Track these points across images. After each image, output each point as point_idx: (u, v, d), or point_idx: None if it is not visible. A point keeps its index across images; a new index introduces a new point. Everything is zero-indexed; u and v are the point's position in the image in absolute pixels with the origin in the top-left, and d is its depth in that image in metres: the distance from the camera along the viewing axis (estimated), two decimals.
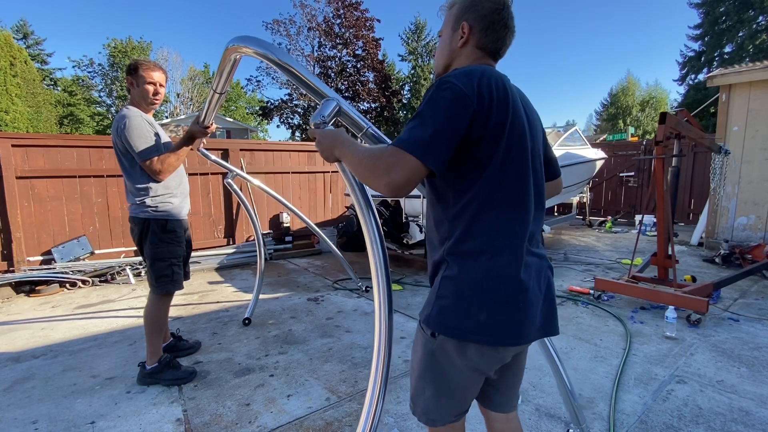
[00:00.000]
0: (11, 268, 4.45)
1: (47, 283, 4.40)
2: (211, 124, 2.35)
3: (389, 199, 4.81)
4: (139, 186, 2.32)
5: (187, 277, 2.71)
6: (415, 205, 4.72)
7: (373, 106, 23.82)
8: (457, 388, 1.06)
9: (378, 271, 1.14)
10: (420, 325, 1.07)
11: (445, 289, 0.98)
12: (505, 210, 0.96)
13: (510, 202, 0.97)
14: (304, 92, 1.29)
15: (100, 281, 4.70)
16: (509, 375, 1.20)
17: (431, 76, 31.67)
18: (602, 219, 9.08)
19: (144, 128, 2.25)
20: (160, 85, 2.36)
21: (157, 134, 2.34)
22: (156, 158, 2.25)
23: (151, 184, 2.33)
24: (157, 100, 2.37)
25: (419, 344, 1.07)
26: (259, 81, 24.44)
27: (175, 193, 2.44)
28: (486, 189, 0.94)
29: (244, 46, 1.29)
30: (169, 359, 2.48)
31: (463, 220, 0.97)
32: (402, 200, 4.83)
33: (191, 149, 2.48)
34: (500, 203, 0.96)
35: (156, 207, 2.35)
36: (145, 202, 2.33)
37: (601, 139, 13.16)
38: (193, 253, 5.34)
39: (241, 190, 3.68)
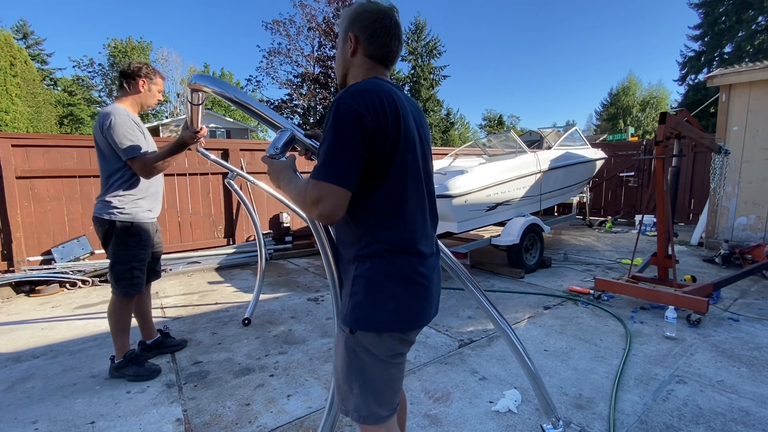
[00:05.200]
0: (11, 268, 4.45)
1: (47, 283, 4.40)
2: (201, 128, 2.31)
3: None
4: (110, 184, 2.32)
5: (157, 276, 2.74)
6: None
7: None
8: (381, 382, 1.12)
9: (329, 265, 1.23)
10: (339, 327, 1.15)
11: (357, 286, 1.07)
12: (406, 216, 1.08)
13: (409, 208, 1.08)
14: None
15: (100, 281, 4.69)
16: None
17: (431, 76, 31.67)
18: (602, 219, 9.07)
19: (130, 126, 2.27)
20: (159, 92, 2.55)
21: (143, 133, 2.36)
22: (140, 157, 2.25)
23: (122, 185, 2.32)
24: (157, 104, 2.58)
25: (341, 345, 1.13)
26: (259, 81, 24.41)
27: (144, 195, 2.43)
28: (388, 198, 1.05)
29: (203, 84, 1.38)
30: (133, 356, 2.49)
31: (369, 225, 1.07)
32: None
33: (189, 149, 2.47)
34: (401, 210, 1.07)
35: (122, 209, 2.33)
36: (111, 202, 2.31)
37: (601, 139, 13.14)
38: (193, 253, 5.42)
39: (240, 189, 3.68)
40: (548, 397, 1.75)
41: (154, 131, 22.92)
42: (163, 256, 2.95)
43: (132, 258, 2.41)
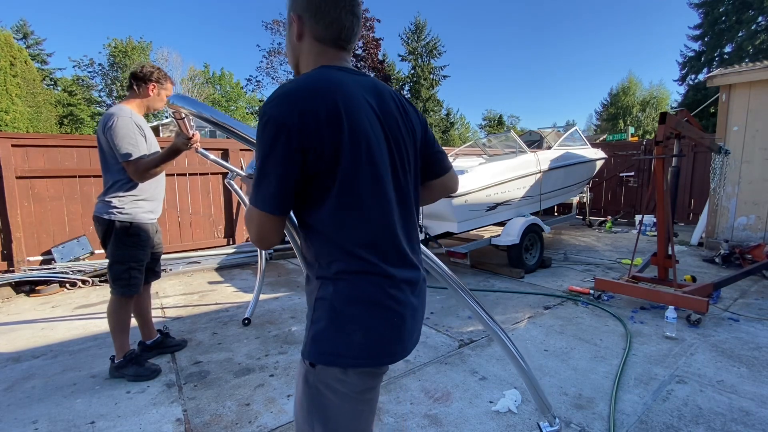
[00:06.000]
0: (11, 268, 4.45)
1: (47, 283, 4.40)
2: (194, 135, 2.32)
3: None
4: (111, 184, 2.34)
5: (156, 276, 2.76)
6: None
7: None
8: (348, 422, 0.97)
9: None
10: (301, 357, 0.98)
11: (319, 311, 0.92)
12: (365, 229, 0.91)
13: (368, 221, 0.91)
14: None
15: (100, 281, 4.69)
16: None
17: (431, 76, 31.67)
18: (602, 219, 9.08)
19: (131, 129, 2.28)
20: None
21: (144, 137, 2.37)
22: (135, 161, 2.27)
23: (123, 185, 2.34)
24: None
25: (301, 378, 0.98)
26: (259, 81, 24.46)
27: (146, 196, 2.44)
28: (341, 212, 0.89)
29: (180, 105, 1.36)
30: (133, 356, 2.50)
31: (325, 243, 0.92)
32: None
33: (191, 149, 2.48)
34: (358, 224, 0.90)
35: (122, 209, 2.35)
36: (111, 202, 2.33)
37: (601, 139, 13.16)
38: (193, 253, 5.42)
39: (240, 189, 3.68)
40: (543, 395, 1.74)
41: (154, 131, 22.89)
42: (163, 256, 2.95)
43: (130, 258, 2.41)
